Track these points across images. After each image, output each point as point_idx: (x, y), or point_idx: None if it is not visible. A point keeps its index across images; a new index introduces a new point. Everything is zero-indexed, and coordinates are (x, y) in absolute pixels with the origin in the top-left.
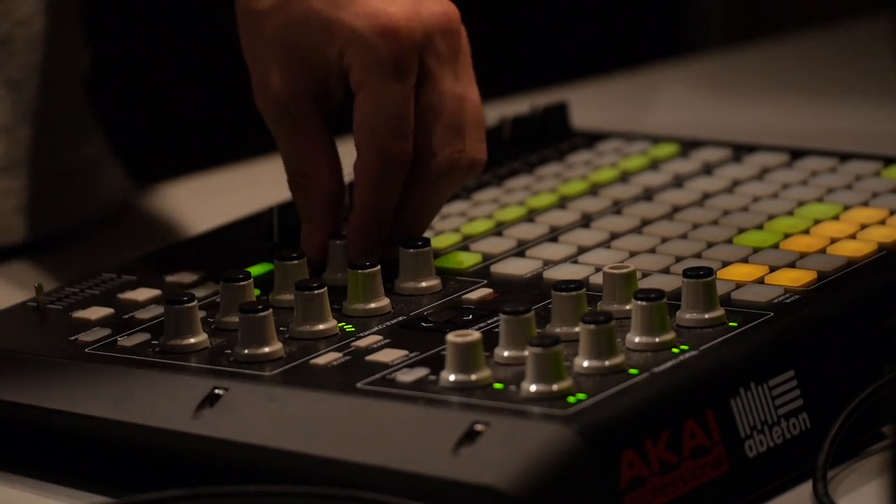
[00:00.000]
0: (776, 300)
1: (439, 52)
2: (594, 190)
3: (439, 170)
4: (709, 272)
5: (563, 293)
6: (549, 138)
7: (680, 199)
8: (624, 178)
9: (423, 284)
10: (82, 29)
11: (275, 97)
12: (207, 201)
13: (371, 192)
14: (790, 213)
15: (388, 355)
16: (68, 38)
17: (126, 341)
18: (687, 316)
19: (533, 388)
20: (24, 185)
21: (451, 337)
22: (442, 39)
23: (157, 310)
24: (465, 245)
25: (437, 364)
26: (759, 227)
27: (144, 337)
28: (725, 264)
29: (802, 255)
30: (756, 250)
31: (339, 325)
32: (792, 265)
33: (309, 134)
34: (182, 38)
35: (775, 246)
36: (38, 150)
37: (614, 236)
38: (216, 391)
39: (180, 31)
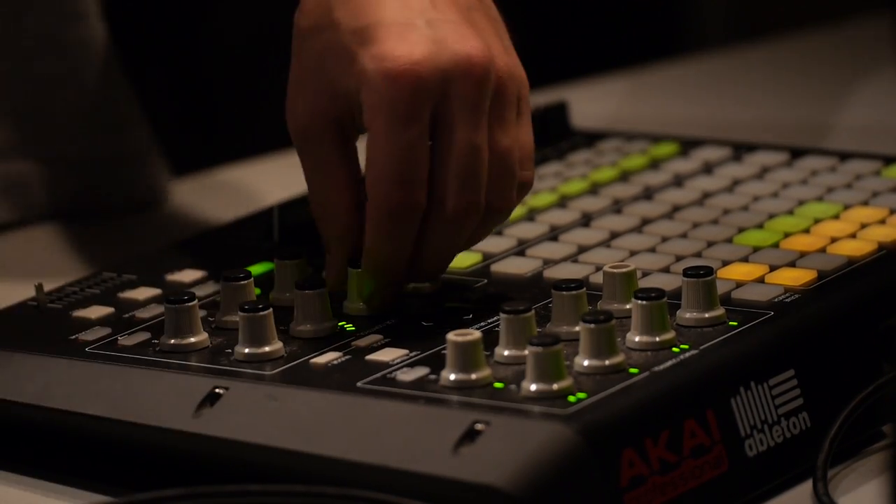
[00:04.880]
0: (776, 299)
1: (456, 97)
2: (594, 189)
3: (446, 218)
4: (709, 271)
5: (564, 292)
6: (550, 138)
7: (680, 198)
8: (624, 177)
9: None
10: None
11: (296, 121)
12: (207, 201)
13: (375, 238)
14: (790, 213)
15: (389, 354)
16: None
17: (126, 340)
18: (687, 315)
19: (533, 387)
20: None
21: (452, 336)
22: (462, 85)
23: (158, 309)
24: None
25: (437, 363)
26: (760, 226)
27: (145, 336)
28: (725, 263)
29: (802, 255)
30: (756, 249)
31: (340, 324)
32: (792, 264)
33: (327, 162)
34: (183, 37)
35: (775, 245)
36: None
37: (614, 235)
38: (216, 390)
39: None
